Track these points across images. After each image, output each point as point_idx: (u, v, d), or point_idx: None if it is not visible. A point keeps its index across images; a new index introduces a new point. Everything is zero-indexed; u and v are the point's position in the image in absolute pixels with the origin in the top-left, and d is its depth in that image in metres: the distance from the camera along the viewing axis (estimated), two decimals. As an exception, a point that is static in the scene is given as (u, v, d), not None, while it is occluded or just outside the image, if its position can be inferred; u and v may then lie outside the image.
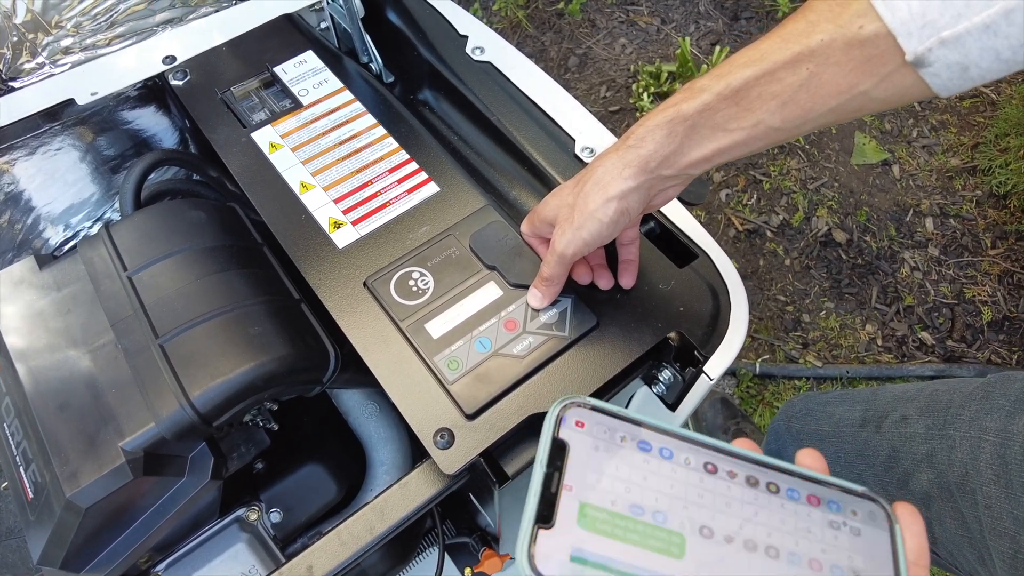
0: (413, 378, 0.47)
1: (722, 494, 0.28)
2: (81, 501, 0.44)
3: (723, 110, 0.39)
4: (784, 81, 0.37)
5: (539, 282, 0.49)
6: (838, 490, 0.28)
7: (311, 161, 0.58)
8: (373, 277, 0.52)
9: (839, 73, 0.35)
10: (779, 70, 0.36)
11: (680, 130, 0.40)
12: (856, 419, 0.66)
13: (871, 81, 0.35)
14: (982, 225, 1.54)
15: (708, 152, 0.40)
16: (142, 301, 0.51)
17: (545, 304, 0.50)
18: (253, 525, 0.59)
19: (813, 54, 0.35)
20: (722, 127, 0.39)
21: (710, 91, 0.39)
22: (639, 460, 0.28)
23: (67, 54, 0.67)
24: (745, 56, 0.38)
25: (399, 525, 0.48)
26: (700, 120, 0.40)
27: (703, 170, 0.43)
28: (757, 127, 0.38)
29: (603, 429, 0.28)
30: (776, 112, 0.37)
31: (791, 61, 0.36)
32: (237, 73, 0.65)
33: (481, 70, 0.65)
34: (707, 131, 0.40)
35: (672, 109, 0.40)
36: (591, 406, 0.28)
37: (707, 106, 0.39)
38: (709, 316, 0.51)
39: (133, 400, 0.48)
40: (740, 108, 0.38)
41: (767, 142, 0.40)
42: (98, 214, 0.79)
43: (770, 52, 0.37)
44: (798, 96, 0.37)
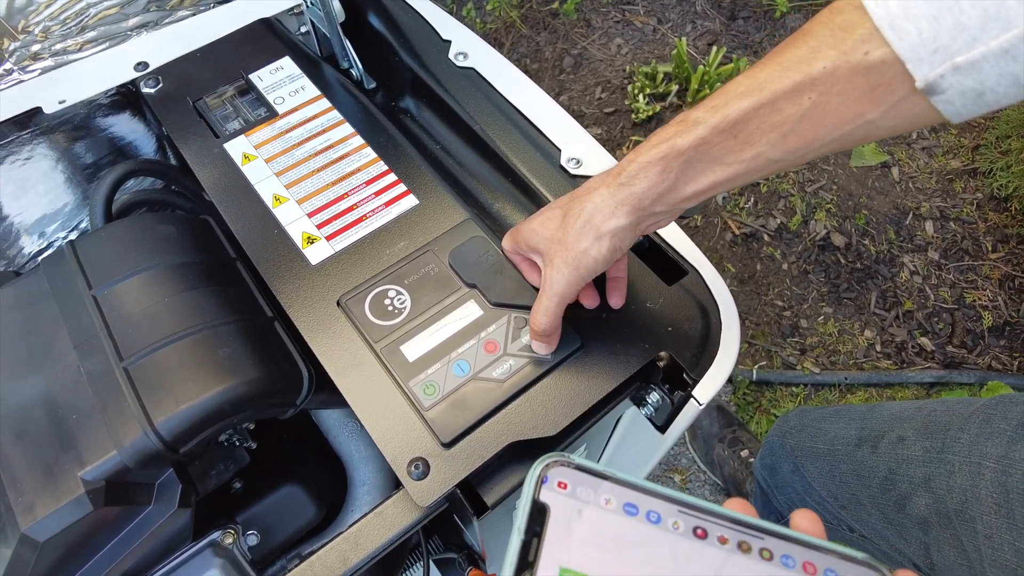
0: (387, 404, 0.45)
1: (712, 562, 0.25)
2: (37, 535, 0.42)
3: (720, 143, 0.37)
4: (785, 112, 0.34)
5: (540, 337, 0.46)
6: (837, 557, 0.26)
7: (285, 173, 0.56)
8: (347, 295, 0.49)
9: (844, 102, 0.33)
10: (779, 100, 0.34)
11: (675, 166, 0.38)
12: (852, 437, 0.64)
13: (878, 110, 0.32)
14: (983, 228, 1.51)
15: (703, 187, 0.38)
16: (107, 321, 0.49)
17: (552, 349, 0.47)
18: (228, 549, 0.56)
19: (815, 83, 0.33)
20: (719, 161, 0.37)
21: (706, 124, 0.37)
22: (624, 525, 0.26)
23: (36, 60, 0.65)
24: (742, 85, 0.36)
25: (374, 556, 0.46)
26: (696, 155, 0.37)
27: (697, 203, 0.40)
28: (756, 160, 0.36)
29: (587, 490, 0.26)
30: (777, 144, 0.35)
31: (792, 90, 0.34)
32: (211, 80, 0.62)
33: (464, 76, 0.63)
34: (703, 165, 0.38)
35: (666, 144, 0.38)
36: (575, 465, 0.26)
37: (703, 140, 0.37)
38: (699, 336, 0.48)
39: (95, 426, 0.45)
40: (738, 141, 0.36)
41: (765, 173, 0.37)
42: (74, 223, 0.77)
43: (769, 81, 0.34)
44: (800, 127, 0.34)
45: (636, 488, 0.27)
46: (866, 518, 0.61)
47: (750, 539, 0.27)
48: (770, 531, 0.27)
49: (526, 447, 0.45)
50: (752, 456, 1.19)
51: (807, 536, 0.27)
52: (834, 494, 0.65)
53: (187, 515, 0.50)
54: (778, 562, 0.26)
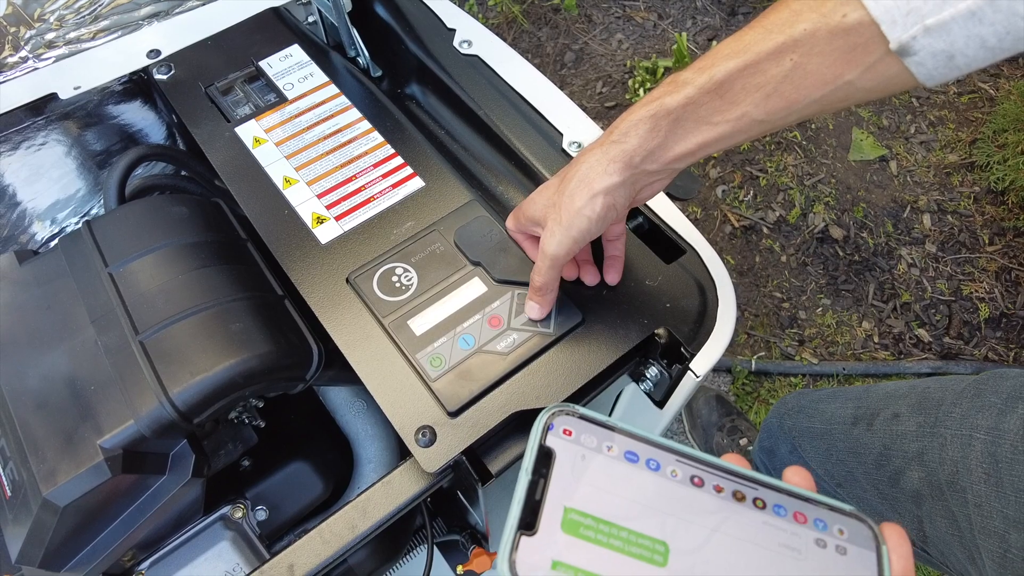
0: (395, 375, 0.47)
1: (707, 508, 0.27)
2: (58, 500, 0.44)
3: (707, 103, 0.38)
4: (768, 73, 0.36)
5: (533, 293, 0.48)
6: (826, 508, 0.28)
7: (295, 156, 0.58)
8: (356, 273, 0.51)
9: (823, 63, 0.34)
10: (762, 61, 0.36)
11: (664, 124, 0.40)
12: (848, 416, 0.65)
13: (856, 71, 0.34)
14: (980, 221, 1.53)
15: (692, 146, 0.40)
16: (123, 297, 0.51)
17: (544, 314, 0.49)
18: (238, 523, 0.58)
19: (797, 44, 0.35)
20: (706, 120, 0.39)
21: (693, 84, 0.38)
22: (625, 470, 0.27)
23: (50, 48, 0.66)
24: (728, 47, 0.37)
25: (382, 523, 0.48)
26: (684, 114, 0.39)
27: (688, 164, 0.42)
28: (741, 120, 0.38)
29: (591, 438, 0.28)
30: (760, 104, 0.37)
31: (774, 52, 0.35)
32: (222, 67, 0.64)
33: (468, 64, 0.64)
34: (691, 125, 0.39)
35: (655, 103, 0.40)
36: (579, 415, 0.28)
37: (690, 100, 0.38)
38: (696, 312, 0.50)
39: (112, 397, 0.47)
40: (724, 101, 0.38)
41: (752, 134, 0.39)
42: (85, 209, 0.78)
43: (753, 43, 0.36)
44: (782, 88, 0.36)
45: (637, 438, 0.28)
46: (861, 494, 0.62)
47: (744, 489, 0.28)
48: (763, 482, 0.29)
49: (529, 418, 0.47)
50: (751, 445, 1.21)
51: (799, 488, 0.29)
52: (830, 472, 0.66)
53: (199, 486, 0.52)
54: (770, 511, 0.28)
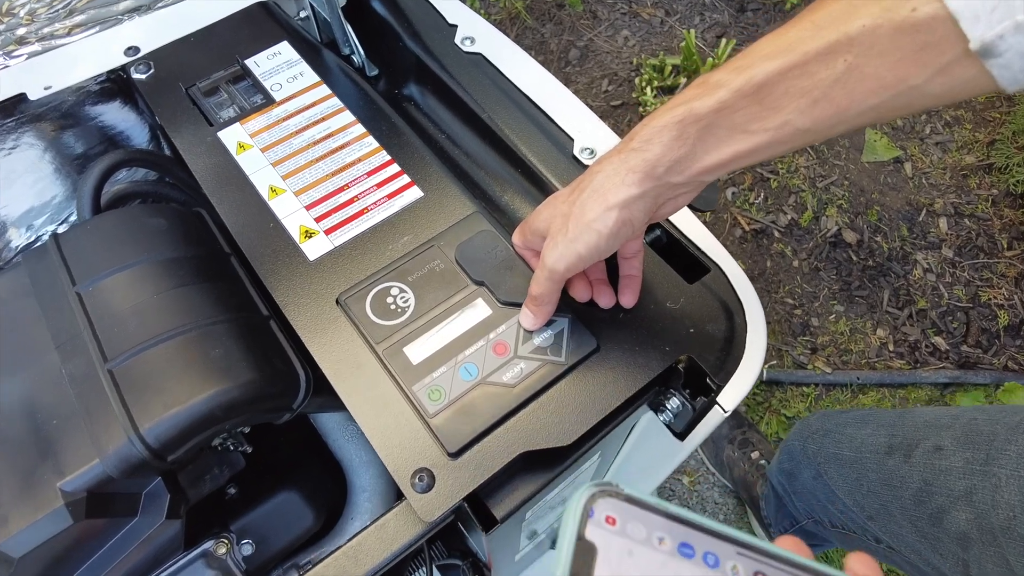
0: (389, 410, 0.42)
1: None
2: (12, 550, 0.39)
3: (743, 109, 0.33)
4: (816, 75, 0.31)
5: (529, 301, 0.44)
6: None
7: (282, 163, 0.53)
8: (347, 293, 0.46)
9: (884, 65, 0.29)
10: (810, 62, 0.31)
11: (692, 131, 0.35)
12: (881, 445, 0.60)
13: (924, 74, 0.29)
14: (998, 225, 1.48)
15: (725, 157, 0.35)
16: (91, 319, 0.46)
17: (537, 326, 0.44)
18: (222, 560, 0.53)
19: (852, 43, 0.30)
20: (742, 128, 0.34)
21: (728, 87, 0.33)
22: (681, 570, 0.22)
23: (22, 44, 0.62)
24: (770, 45, 0.33)
25: (376, 571, 0.43)
26: (716, 120, 0.34)
27: (718, 176, 0.37)
28: (783, 129, 0.33)
29: (639, 527, 0.22)
30: (806, 111, 0.32)
31: (825, 51, 0.30)
32: (205, 66, 0.59)
33: (471, 62, 0.59)
34: (724, 133, 0.34)
35: (683, 107, 0.35)
36: (625, 496, 0.22)
37: (724, 104, 0.34)
38: (723, 339, 0.45)
39: (76, 432, 0.42)
40: (763, 107, 0.33)
41: (793, 145, 0.34)
42: (63, 216, 0.74)
43: (800, 41, 0.31)
44: (832, 92, 0.31)
45: (692, 525, 0.23)
46: (896, 530, 0.58)
47: None
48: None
49: (538, 456, 0.42)
50: (763, 458, 1.16)
51: None
52: (860, 504, 0.61)
53: (177, 526, 0.47)
54: None
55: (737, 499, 1.24)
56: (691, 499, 1.25)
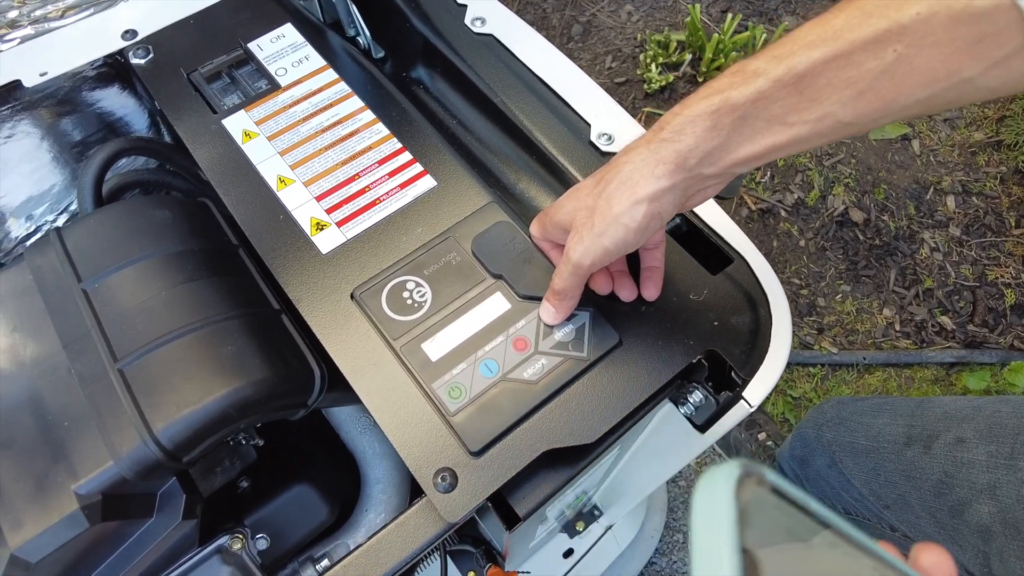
0: (409, 408, 0.41)
1: None
2: (28, 555, 0.38)
3: (782, 99, 0.32)
4: (862, 66, 0.30)
5: (551, 295, 0.43)
6: None
7: (290, 151, 0.51)
8: (362, 288, 0.45)
9: (937, 56, 0.28)
10: (857, 52, 0.29)
11: (727, 122, 0.33)
12: (900, 435, 0.60)
13: (979, 66, 0.28)
14: (1006, 203, 1.47)
15: (760, 149, 0.34)
16: (99, 318, 0.45)
17: (559, 320, 0.43)
18: (237, 555, 0.53)
19: (905, 32, 0.28)
20: (780, 120, 0.32)
21: (767, 76, 0.32)
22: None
23: (14, 28, 0.59)
24: (812, 33, 0.31)
25: (397, 570, 0.43)
26: (753, 111, 0.33)
27: (751, 168, 0.36)
28: (823, 121, 0.32)
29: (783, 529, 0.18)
30: (849, 104, 0.31)
31: (874, 40, 0.29)
32: (207, 50, 0.57)
33: (482, 44, 0.57)
34: (761, 124, 0.33)
35: (718, 97, 0.33)
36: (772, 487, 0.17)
37: (762, 94, 0.32)
38: (747, 331, 0.44)
39: (88, 434, 0.41)
40: (803, 98, 0.31)
41: (832, 138, 0.33)
42: (63, 205, 0.72)
43: (846, 28, 0.30)
44: (879, 84, 0.30)
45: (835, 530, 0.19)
46: (914, 520, 0.57)
47: None
48: None
49: (559, 452, 0.42)
50: (770, 439, 1.16)
51: None
52: (876, 493, 0.61)
53: (192, 525, 0.47)
54: None
55: (743, 480, 1.24)
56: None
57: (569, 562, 0.98)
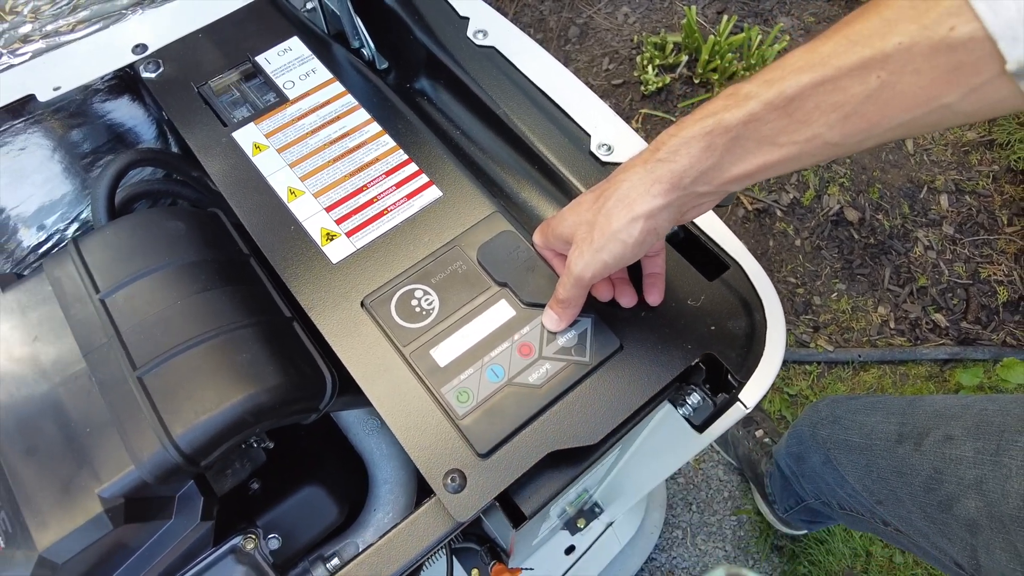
0: (419, 412, 0.43)
1: None
2: (55, 557, 0.40)
3: (772, 121, 0.34)
4: (848, 91, 0.31)
5: (555, 304, 0.45)
6: None
7: (300, 164, 0.53)
8: (372, 296, 0.47)
9: (918, 83, 0.30)
10: (843, 77, 0.31)
11: (720, 143, 0.35)
12: (892, 433, 0.62)
13: (957, 93, 0.29)
14: (999, 202, 1.49)
15: (752, 168, 0.35)
16: (117, 327, 0.46)
17: (562, 327, 0.45)
18: (250, 555, 0.55)
19: (887, 59, 0.30)
20: (770, 141, 0.34)
21: (758, 99, 0.34)
22: None
23: (26, 43, 0.61)
24: (801, 59, 0.33)
25: (406, 569, 0.44)
26: (745, 132, 0.34)
27: (744, 186, 0.38)
28: (811, 142, 0.33)
29: None
30: (836, 126, 0.32)
31: (858, 67, 0.31)
32: (216, 63, 0.59)
33: (484, 56, 0.59)
34: (752, 144, 0.35)
35: (712, 119, 0.35)
36: None
37: (754, 116, 0.34)
38: (743, 336, 0.46)
39: (110, 440, 0.43)
40: (793, 120, 0.33)
41: (821, 158, 0.34)
42: (73, 214, 0.73)
43: (833, 55, 0.31)
44: (864, 108, 0.31)
45: None
46: (905, 515, 0.59)
47: None
48: None
49: (563, 453, 0.43)
50: (767, 436, 1.18)
51: None
52: (869, 489, 0.63)
53: (209, 526, 0.48)
54: None
55: (741, 476, 1.26)
56: (696, 477, 1.27)
57: (571, 558, 1.00)
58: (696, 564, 1.20)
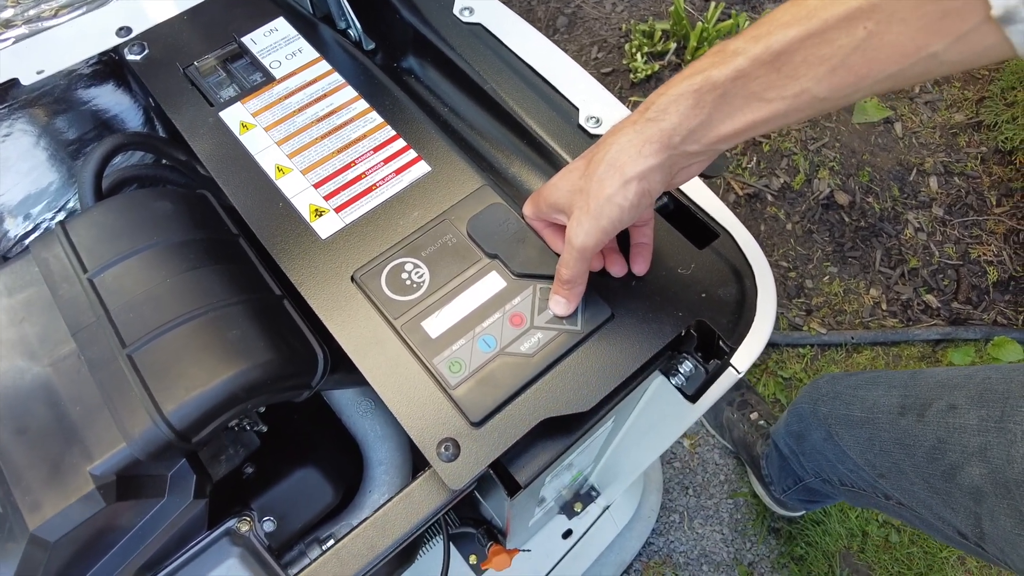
0: (412, 383, 0.43)
1: None
2: (47, 534, 0.40)
3: (761, 77, 0.34)
4: (835, 43, 0.31)
5: (560, 287, 0.44)
6: None
7: (287, 141, 0.53)
8: (362, 270, 0.47)
9: (905, 33, 0.30)
10: (830, 30, 0.31)
11: (709, 100, 0.35)
12: (894, 405, 0.62)
13: (943, 42, 0.29)
14: (987, 183, 1.50)
15: (741, 125, 0.35)
16: (106, 306, 0.46)
17: (571, 310, 0.45)
18: (245, 537, 0.54)
19: (874, 10, 0.30)
20: (758, 96, 0.34)
21: (745, 55, 0.34)
22: None
23: (8, 28, 0.60)
24: (787, 13, 0.33)
25: (402, 540, 0.44)
26: (733, 88, 0.34)
27: (732, 144, 0.38)
28: (800, 97, 0.33)
29: None
30: (824, 79, 0.32)
31: (845, 18, 0.31)
32: (201, 45, 0.58)
33: (471, 33, 0.59)
34: (740, 101, 0.35)
35: (700, 76, 0.35)
36: None
37: (741, 72, 0.34)
38: (734, 302, 0.46)
39: (101, 418, 0.43)
40: (781, 75, 0.33)
41: (809, 113, 0.34)
42: (60, 203, 0.73)
43: (820, 8, 0.31)
44: (851, 60, 0.31)
45: None
46: (907, 487, 0.59)
47: None
48: None
49: (556, 421, 0.43)
50: (762, 419, 1.19)
51: None
52: (872, 463, 0.63)
53: (202, 505, 0.48)
54: None
55: (737, 460, 1.27)
56: (692, 461, 1.28)
57: (568, 542, 1.00)
58: (693, 548, 1.20)
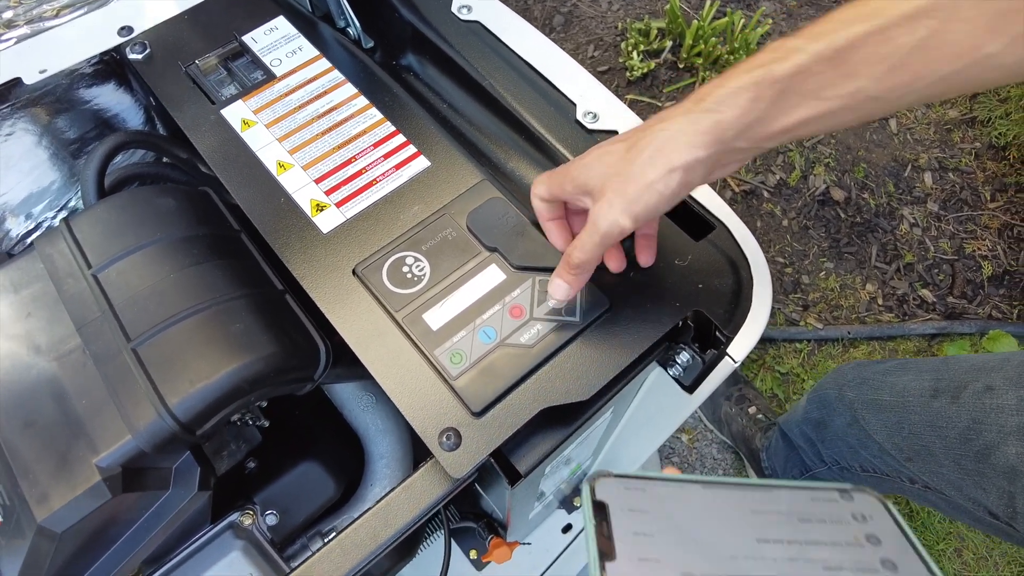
0: (413, 374, 0.43)
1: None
2: (54, 526, 0.40)
3: (819, 74, 0.34)
4: (896, 41, 0.31)
5: (566, 271, 0.43)
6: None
7: (288, 138, 0.53)
8: (363, 264, 0.47)
9: (964, 31, 0.30)
10: (893, 27, 0.31)
11: (768, 95, 0.35)
12: (926, 389, 0.62)
13: (1000, 42, 0.30)
14: (981, 178, 1.51)
15: (792, 122, 0.35)
16: (110, 301, 0.47)
17: (572, 296, 0.44)
18: (248, 530, 0.55)
19: (938, 7, 0.30)
20: (814, 94, 0.34)
21: (807, 51, 0.34)
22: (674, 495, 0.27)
23: (10, 28, 0.61)
24: (851, 11, 0.33)
25: (405, 530, 0.45)
26: (791, 85, 0.34)
27: (779, 143, 0.37)
28: (855, 96, 0.33)
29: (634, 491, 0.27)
30: (881, 78, 0.32)
31: (909, 16, 0.31)
32: (202, 44, 0.59)
33: (469, 30, 0.59)
34: (796, 98, 0.34)
35: (761, 70, 0.35)
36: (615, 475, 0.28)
37: (801, 68, 0.34)
38: (730, 293, 0.47)
39: (106, 411, 0.43)
40: (839, 72, 0.33)
41: (858, 115, 0.35)
42: (61, 202, 0.73)
43: (885, 7, 0.32)
44: (910, 59, 0.31)
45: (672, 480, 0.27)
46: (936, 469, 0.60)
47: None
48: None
49: (556, 411, 0.44)
50: (760, 413, 1.19)
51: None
52: (899, 446, 0.64)
53: (205, 498, 0.49)
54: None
55: (735, 454, 1.28)
56: (691, 456, 1.28)
57: (568, 537, 1.01)
58: (693, 542, 1.21)
